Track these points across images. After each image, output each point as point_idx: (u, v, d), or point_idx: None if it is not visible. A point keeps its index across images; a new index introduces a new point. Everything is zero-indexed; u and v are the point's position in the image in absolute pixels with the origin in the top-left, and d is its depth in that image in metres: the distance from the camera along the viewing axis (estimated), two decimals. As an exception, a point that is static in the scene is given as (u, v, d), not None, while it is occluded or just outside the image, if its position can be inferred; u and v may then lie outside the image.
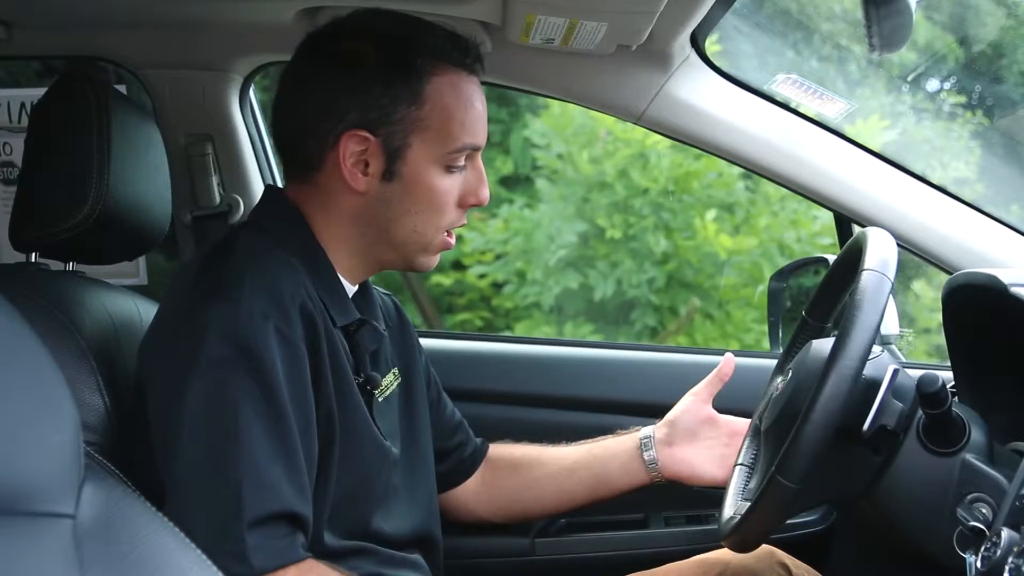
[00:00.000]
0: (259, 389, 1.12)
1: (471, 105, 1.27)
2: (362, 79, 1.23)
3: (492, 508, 1.56)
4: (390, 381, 1.38)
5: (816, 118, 1.71)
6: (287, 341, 1.15)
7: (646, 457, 1.49)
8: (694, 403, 1.50)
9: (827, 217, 4.21)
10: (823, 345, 1.23)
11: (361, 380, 1.28)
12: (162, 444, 1.14)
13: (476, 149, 1.29)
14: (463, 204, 1.30)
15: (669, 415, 1.51)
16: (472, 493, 1.55)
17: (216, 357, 1.12)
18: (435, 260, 1.33)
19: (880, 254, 1.15)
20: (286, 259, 1.22)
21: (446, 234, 1.30)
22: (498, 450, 1.58)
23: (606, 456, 1.52)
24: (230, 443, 1.10)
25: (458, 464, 1.54)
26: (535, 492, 1.55)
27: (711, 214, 5.18)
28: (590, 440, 1.56)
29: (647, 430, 1.51)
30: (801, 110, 1.72)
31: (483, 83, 1.32)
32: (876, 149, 1.70)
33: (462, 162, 1.27)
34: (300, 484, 1.13)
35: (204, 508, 1.01)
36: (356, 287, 1.34)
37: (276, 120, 1.32)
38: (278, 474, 1.11)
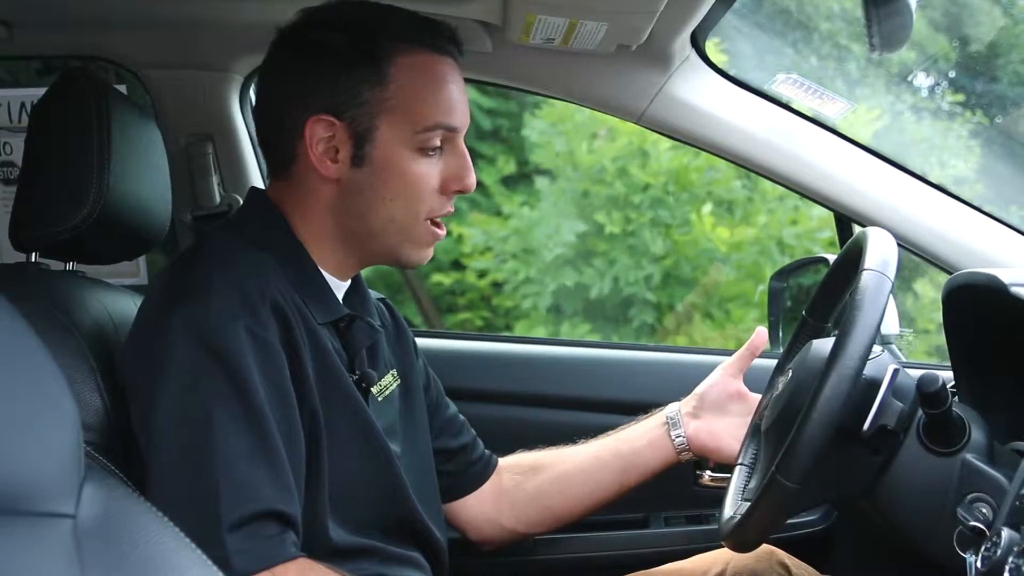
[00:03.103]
0: (232, 390, 1.11)
1: (440, 85, 1.24)
2: (326, 65, 1.23)
3: (515, 514, 1.51)
4: (389, 382, 1.37)
5: (816, 118, 1.71)
6: (259, 340, 1.14)
7: (673, 433, 1.45)
8: (723, 377, 1.48)
9: (820, 211, 4.21)
10: (823, 345, 1.23)
11: (356, 377, 1.28)
12: (144, 448, 1.15)
13: (451, 130, 1.25)
14: (445, 191, 1.26)
15: (698, 388, 1.48)
16: (491, 501, 1.51)
17: (186, 361, 1.12)
18: (425, 253, 1.30)
19: (880, 254, 1.15)
20: (257, 258, 1.21)
21: (431, 224, 1.27)
22: (514, 457, 1.55)
23: (632, 437, 1.49)
24: (204, 447, 1.10)
25: (467, 466, 1.50)
26: (561, 487, 1.50)
27: (707, 207, 5.19)
28: (613, 430, 1.52)
29: (673, 406, 1.48)
30: (801, 110, 1.72)
31: (484, 83, 1.32)
32: (867, 142, 1.70)
33: (437, 143, 1.24)
34: (283, 482, 1.12)
35: (183, 513, 0.99)
36: (348, 284, 1.34)
37: (255, 118, 1.33)
38: (257, 474, 1.10)
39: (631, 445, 1.48)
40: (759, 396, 1.45)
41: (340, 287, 1.32)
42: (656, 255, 5.23)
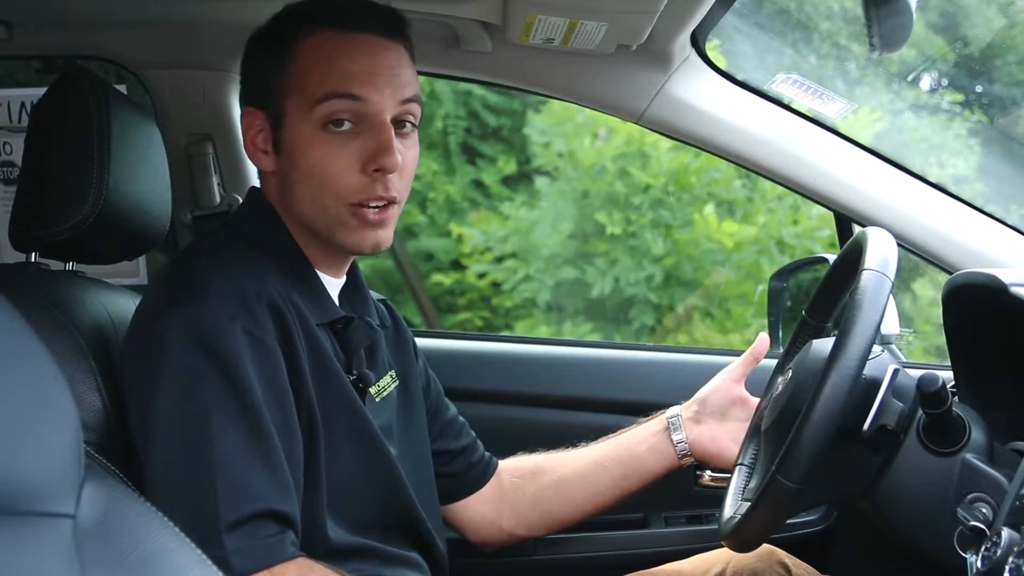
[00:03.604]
0: (229, 391, 1.11)
1: (339, 56, 1.21)
2: (255, 58, 1.27)
3: (516, 518, 1.51)
4: (388, 383, 1.37)
5: (816, 118, 1.71)
6: (257, 341, 1.14)
7: (674, 437, 1.45)
8: (725, 382, 1.47)
9: (820, 210, 4.22)
10: (823, 345, 1.23)
11: (353, 377, 1.28)
12: (142, 448, 1.15)
13: (351, 98, 1.20)
14: (365, 170, 1.21)
15: (699, 393, 1.48)
16: (492, 504, 1.51)
17: (184, 361, 1.12)
18: (363, 237, 1.24)
19: (880, 254, 1.15)
20: (255, 258, 1.22)
21: (359, 205, 1.22)
22: (515, 460, 1.55)
23: (632, 442, 1.48)
24: (202, 447, 1.10)
25: (468, 468, 1.51)
26: (561, 491, 1.50)
27: (710, 207, 5.21)
28: (613, 434, 1.52)
29: (674, 410, 1.48)
30: (801, 110, 1.72)
31: (484, 83, 1.31)
32: (868, 143, 1.70)
33: (342, 118, 1.20)
34: (282, 482, 1.12)
35: (181, 513, 0.98)
36: (343, 282, 1.33)
37: None
38: (255, 474, 1.10)
39: (632, 450, 1.48)
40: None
41: (335, 285, 1.32)
42: (657, 256, 5.24)
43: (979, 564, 0.99)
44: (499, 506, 1.52)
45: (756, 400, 1.45)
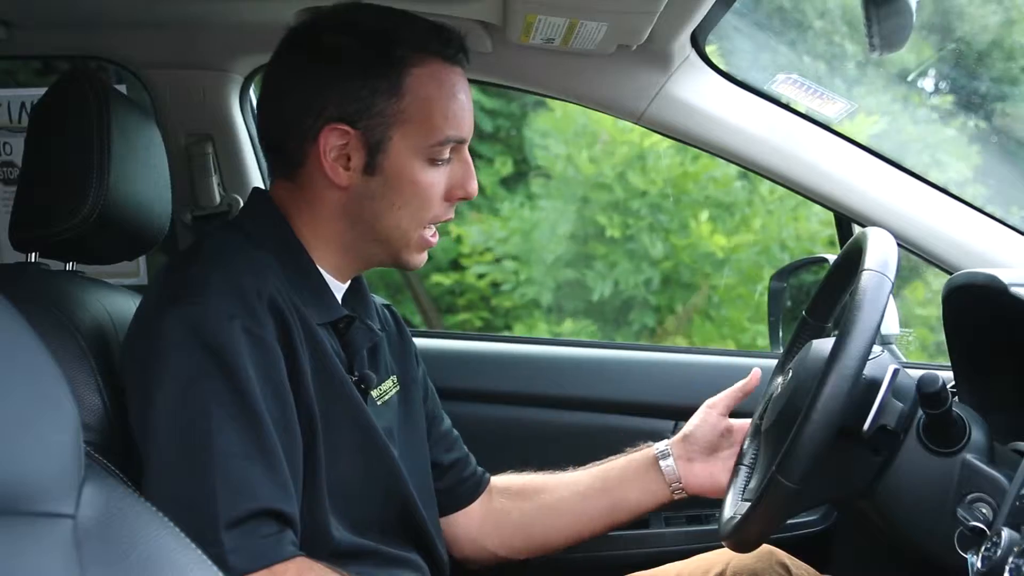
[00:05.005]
0: (228, 390, 1.11)
1: (453, 96, 1.25)
2: (341, 73, 1.23)
3: (499, 539, 1.50)
4: (389, 387, 1.37)
5: (816, 118, 1.71)
6: (257, 339, 1.14)
7: (667, 476, 1.45)
8: (710, 415, 1.46)
9: (820, 212, 4.22)
10: (823, 345, 1.23)
11: (355, 378, 1.28)
12: (141, 446, 1.15)
13: (460, 142, 1.27)
14: (450, 197, 1.28)
15: (685, 429, 1.46)
16: (477, 522, 1.50)
17: (183, 360, 1.12)
18: (422, 257, 1.31)
19: (880, 254, 1.15)
20: (256, 257, 1.21)
21: (428, 230, 1.28)
22: (503, 479, 1.54)
23: (622, 479, 1.47)
24: (201, 446, 1.10)
25: (457, 483, 1.49)
26: (547, 519, 1.49)
27: (704, 215, 5.20)
28: (598, 464, 1.51)
29: (660, 446, 1.47)
30: (801, 110, 1.72)
31: (484, 83, 1.32)
32: (868, 145, 1.70)
33: (447, 155, 1.26)
34: (281, 481, 1.12)
35: (180, 511, 0.94)
36: (347, 285, 1.33)
37: (260, 119, 1.33)
38: (254, 473, 1.10)
39: (622, 490, 1.47)
40: (744, 425, 1.44)
41: (340, 288, 1.32)
42: (655, 259, 5.24)
43: (979, 564, 1.00)
44: (484, 525, 1.50)
45: (740, 424, 1.45)
